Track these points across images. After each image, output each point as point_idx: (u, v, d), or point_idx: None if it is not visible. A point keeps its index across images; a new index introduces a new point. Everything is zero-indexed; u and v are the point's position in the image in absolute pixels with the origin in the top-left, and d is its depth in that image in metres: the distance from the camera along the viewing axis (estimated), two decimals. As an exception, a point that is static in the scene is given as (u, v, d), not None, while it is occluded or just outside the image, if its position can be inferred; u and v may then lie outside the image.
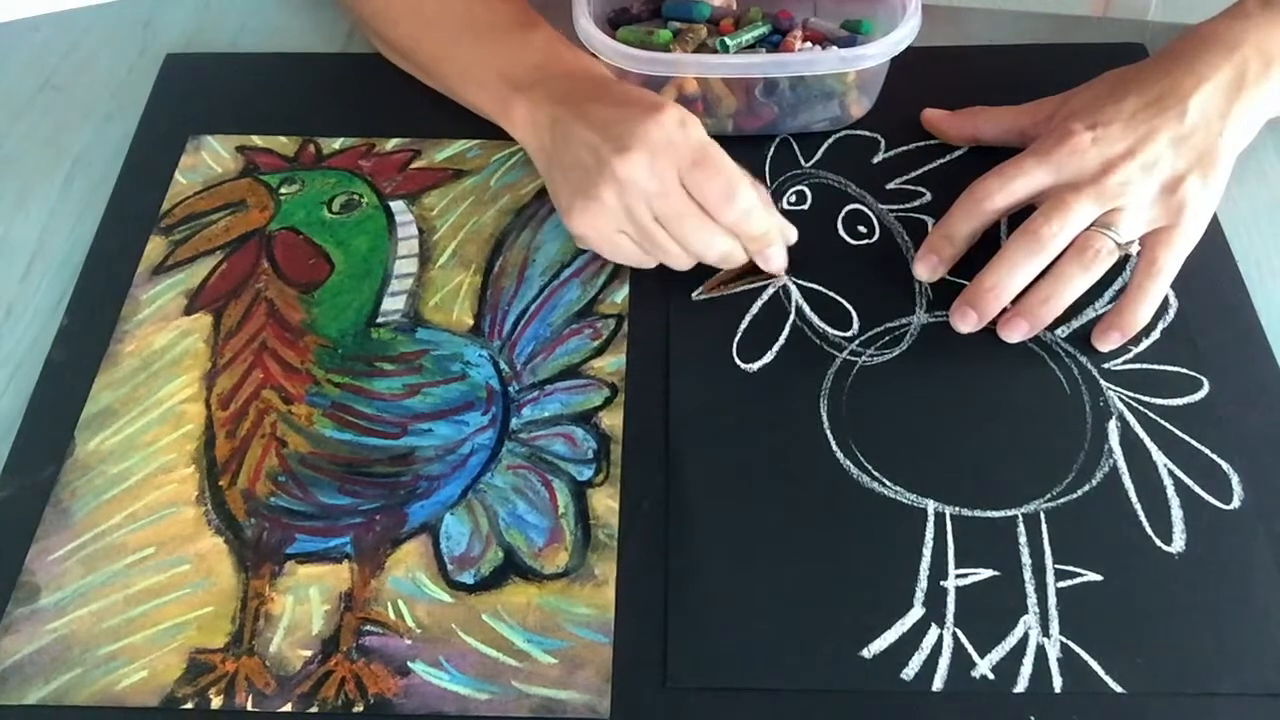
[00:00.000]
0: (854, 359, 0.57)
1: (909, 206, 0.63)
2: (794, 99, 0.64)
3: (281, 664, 0.48)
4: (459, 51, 0.64)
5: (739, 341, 0.58)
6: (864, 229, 0.62)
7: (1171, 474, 0.52)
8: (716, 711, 0.46)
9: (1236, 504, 0.51)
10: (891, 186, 0.64)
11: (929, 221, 0.61)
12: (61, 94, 0.72)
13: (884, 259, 0.61)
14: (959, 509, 0.51)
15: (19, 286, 0.61)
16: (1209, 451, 0.53)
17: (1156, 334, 0.57)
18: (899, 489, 0.52)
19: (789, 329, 0.58)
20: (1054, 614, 0.48)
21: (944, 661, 0.47)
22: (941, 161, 0.65)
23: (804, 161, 0.65)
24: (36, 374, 0.57)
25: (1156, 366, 0.56)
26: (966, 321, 0.56)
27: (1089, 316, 0.58)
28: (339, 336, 0.58)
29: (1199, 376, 0.55)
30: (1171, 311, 0.58)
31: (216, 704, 0.47)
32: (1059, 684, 0.46)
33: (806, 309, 0.59)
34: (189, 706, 0.47)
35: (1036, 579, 0.49)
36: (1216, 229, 0.60)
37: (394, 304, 0.59)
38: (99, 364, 0.57)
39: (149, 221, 0.63)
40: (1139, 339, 0.57)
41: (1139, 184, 0.55)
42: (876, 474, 0.53)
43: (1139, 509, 0.51)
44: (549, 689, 0.47)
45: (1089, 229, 0.55)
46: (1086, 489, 0.52)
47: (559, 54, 0.61)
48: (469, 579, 0.50)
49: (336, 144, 0.67)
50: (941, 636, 0.48)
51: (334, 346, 0.58)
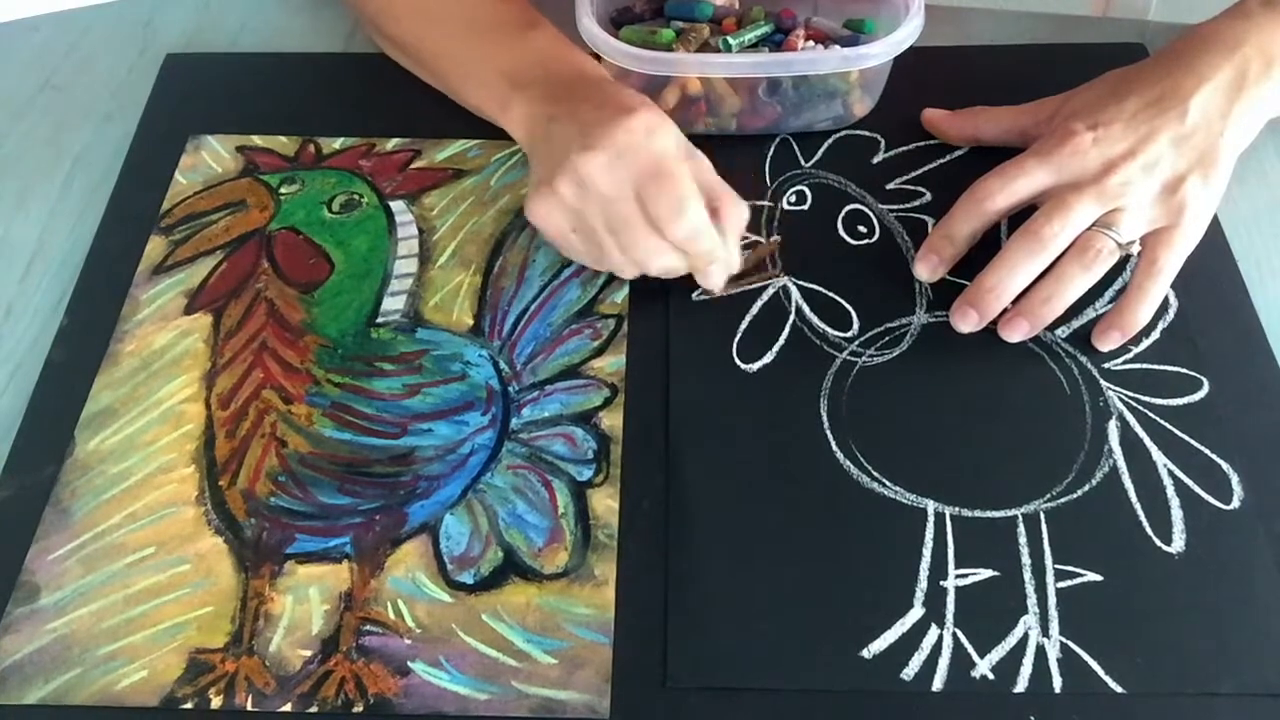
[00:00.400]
0: (854, 359, 0.57)
1: (909, 206, 0.63)
2: (797, 98, 0.64)
3: (281, 664, 0.48)
4: (460, 49, 0.64)
5: (739, 341, 0.58)
6: (864, 229, 0.62)
7: (1171, 474, 0.52)
8: (716, 711, 0.46)
9: (1236, 504, 0.51)
10: (891, 186, 0.64)
11: (929, 221, 0.61)
12: (61, 94, 0.72)
13: (884, 259, 0.61)
14: (959, 509, 0.51)
15: (19, 286, 0.61)
16: (1209, 451, 0.53)
17: (1156, 334, 0.57)
18: (899, 489, 0.52)
19: (789, 329, 0.58)
20: (1054, 614, 0.48)
21: (944, 661, 0.47)
22: (941, 161, 0.65)
23: (804, 161, 0.65)
24: (36, 374, 0.57)
25: (1156, 366, 0.56)
26: (967, 321, 0.56)
27: (1089, 316, 0.58)
28: (339, 336, 0.58)
29: (1199, 376, 0.55)
30: (1171, 311, 0.58)
31: (216, 704, 0.47)
32: (1059, 684, 0.46)
33: (806, 309, 0.59)
34: (189, 706, 0.47)
35: (1036, 579, 0.49)
36: (1216, 229, 0.60)
37: (394, 304, 0.59)
38: (99, 364, 0.57)
39: (149, 221, 0.63)
40: (1139, 339, 0.57)
41: (1140, 184, 0.55)
42: (876, 474, 0.53)
43: (1139, 509, 0.51)
44: (549, 689, 0.47)
45: (1090, 229, 0.55)
46: (1086, 489, 0.52)
47: (559, 54, 0.61)
48: (469, 579, 0.50)
49: (337, 144, 0.67)
50: (941, 636, 0.48)
51: (334, 346, 0.58)
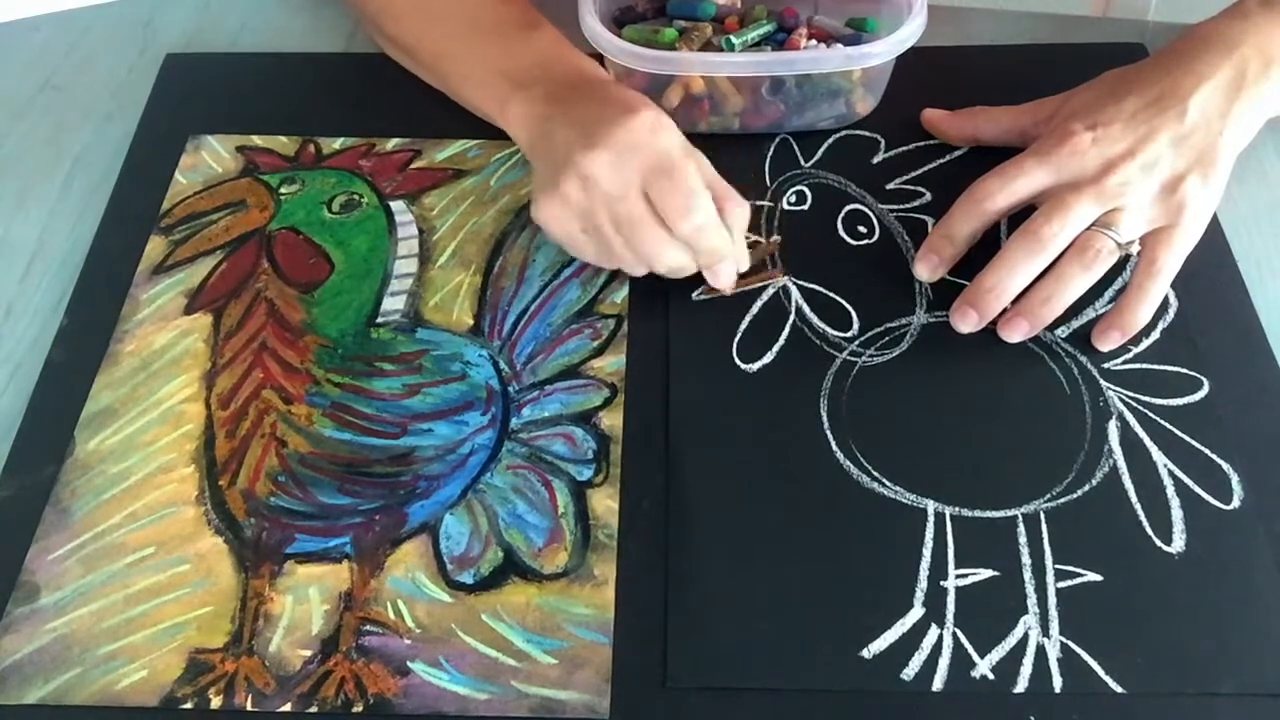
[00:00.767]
0: (854, 359, 0.57)
1: (909, 206, 0.63)
2: (800, 97, 0.64)
3: (281, 664, 0.48)
4: (461, 49, 0.64)
5: (739, 341, 0.57)
6: (864, 229, 0.62)
7: (1171, 474, 0.52)
8: (716, 711, 0.46)
9: (1236, 504, 0.51)
10: (891, 186, 0.64)
11: (929, 221, 0.61)
12: (61, 94, 0.72)
13: (884, 259, 0.61)
14: (959, 509, 0.51)
15: (19, 286, 0.61)
16: (1209, 451, 0.53)
17: (1156, 334, 0.57)
18: (899, 489, 0.52)
19: (789, 329, 0.58)
20: (1054, 614, 0.48)
21: (944, 661, 0.47)
22: (941, 161, 0.65)
23: (804, 161, 0.65)
24: (36, 374, 0.57)
25: (1156, 366, 0.56)
26: (967, 321, 0.56)
27: (1089, 316, 0.57)
28: (339, 336, 0.58)
29: (1199, 376, 0.55)
30: (1171, 311, 0.58)
31: (216, 704, 0.47)
32: (1059, 684, 0.46)
33: (806, 309, 0.59)
34: (188, 706, 0.47)
35: (1036, 579, 0.49)
36: (1216, 229, 0.60)
37: (394, 304, 0.59)
38: (99, 364, 0.57)
39: (149, 221, 0.63)
40: (1139, 339, 0.57)
41: (1139, 184, 0.55)
42: (876, 474, 0.53)
43: (1139, 509, 0.51)
44: (548, 689, 0.47)
45: (1089, 229, 0.55)
46: (1086, 489, 0.52)
47: (559, 54, 0.61)
48: (468, 579, 0.50)
49: (337, 144, 0.67)
50: (941, 636, 0.48)
51: (334, 346, 0.58)
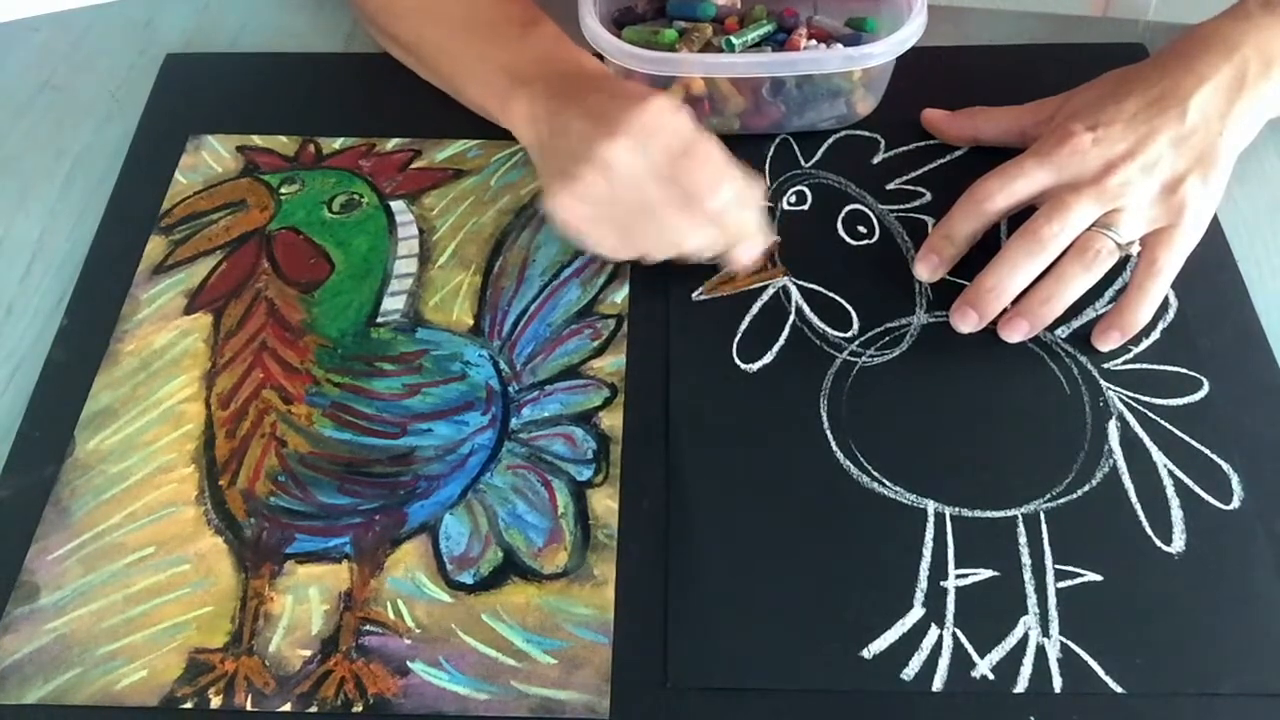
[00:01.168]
0: (854, 359, 0.57)
1: (909, 206, 0.63)
2: (800, 97, 0.64)
3: (281, 664, 0.48)
4: (462, 47, 0.64)
5: (739, 341, 0.57)
6: (864, 229, 0.62)
7: (1171, 474, 0.52)
8: (716, 711, 0.46)
9: (1236, 504, 0.51)
10: (891, 187, 0.64)
11: (929, 221, 0.61)
12: (61, 94, 0.72)
13: (884, 259, 0.61)
14: (959, 509, 0.51)
15: (19, 286, 0.61)
16: (1209, 451, 0.53)
17: (1156, 334, 0.57)
18: (899, 489, 0.52)
19: (789, 329, 0.58)
20: (1054, 614, 0.48)
21: (944, 661, 0.47)
22: (941, 161, 0.65)
23: (804, 162, 0.65)
24: (36, 374, 0.57)
25: (1156, 366, 0.56)
26: (967, 322, 0.56)
27: (1089, 316, 0.58)
28: (339, 336, 0.58)
29: (1199, 376, 0.55)
30: (1171, 311, 0.58)
31: (216, 704, 0.47)
32: (1059, 684, 0.46)
33: (806, 309, 0.59)
34: (188, 706, 0.47)
35: (1036, 579, 0.49)
36: (1216, 229, 0.60)
37: (394, 304, 0.59)
38: (99, 364, 0.57)
39: (149, 221, 0.63)
40: (1139, 339, 0.57)
41: (1139, 184, 0.55)
42: (876, 474, 0.53)
43: (1139, 509, 0.51)
44: (548, 689, 0.47)
45: (1089, 229, 0.55)
46: (1086, 489, 0.52)
47: (560, 51, 0.61)
48: (468, 579, 0.50)
49: (337, 144, 0.67)
50: (941, 637, 0.48)
51: (334, 346, 0.58)
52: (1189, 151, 0.56)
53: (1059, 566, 0.49)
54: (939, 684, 0.46)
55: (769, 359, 0.57)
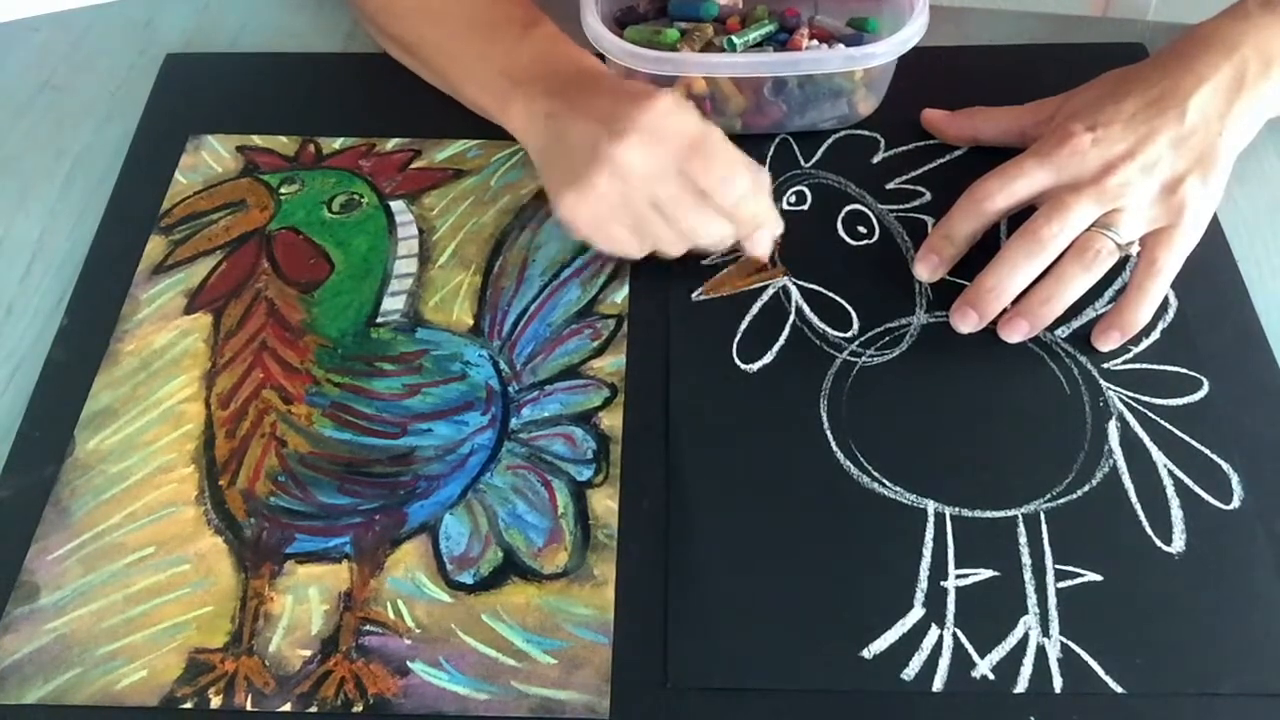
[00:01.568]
0: (854, 359, 0.57)
1: (909, 206, 0.63)
2: (802, 97, 0.64)
3: (281, 664, 0.48)
4: (461, 47, 0.64)
5: (739, 341, 0.57)
6: (864, 229, 0.62)
7: (1171, 474, 0.52)
8: (716, 711, 0.46)
9: (1236, 504, 0.51)
10: (891, 186, 0.64)
11: (929, 221, 0.61)
12: (61, 94, 0.72)
13: (884, 259, 0.61)
14: (959, 509, 0.51)
15: (19, 286, 0.61)
16: (1209, 451, 0.53)
17: (1156, 334, 0.57)
18: (899, 489, 0.52)
19: (789, 329, 0.58)
20: (1054, 614, 0.48)
21: (944, 662, 0.47)
22: (941, 161, 0.65)
23: (804, 162, 0.65)
24: (36, 374, 0.57)
25: (1156, 366, 0.56)
26: (967, 322, 0.56)
27: (1089, 316, 0.58)
28: (339, 336, 0.58)
29: (1199, 376, 0.55)
30: (1171, 311, 0.58)
31: (216, 704, 0.47)
32: (1059, 684, 0.46)
33: (806, 309, 0.59)
34: (188, 706, 0.47)
35: (1036, 579, 0.49)
36: (1216, 229, 0.60)
37: (394, 304, 0.59)
38: (99, 364, 0.57)
39: (149, 221, 0.63)
40: (1139, 339, 0.57)
41: (1139, 185, 0.55)
42: (876, 474, 0.53)
43: (1139, 509, 0.51)
44: (548, 689, 0.47)
45: (1089, 229, 0.55)
46: (1086, 489, 0.52)
47: (560, 50, 0.61)
48: (468, 579, 0.50)
49: (336, 144, 0.67)
50: (941, 637, 0.48)
51: (334, 346, 0.58)
52: (1188, 152, 0.56)
53: (1059, 566, 0.49)
54: (939, 684, 0.46)
55: (769, 359, 0.57)
